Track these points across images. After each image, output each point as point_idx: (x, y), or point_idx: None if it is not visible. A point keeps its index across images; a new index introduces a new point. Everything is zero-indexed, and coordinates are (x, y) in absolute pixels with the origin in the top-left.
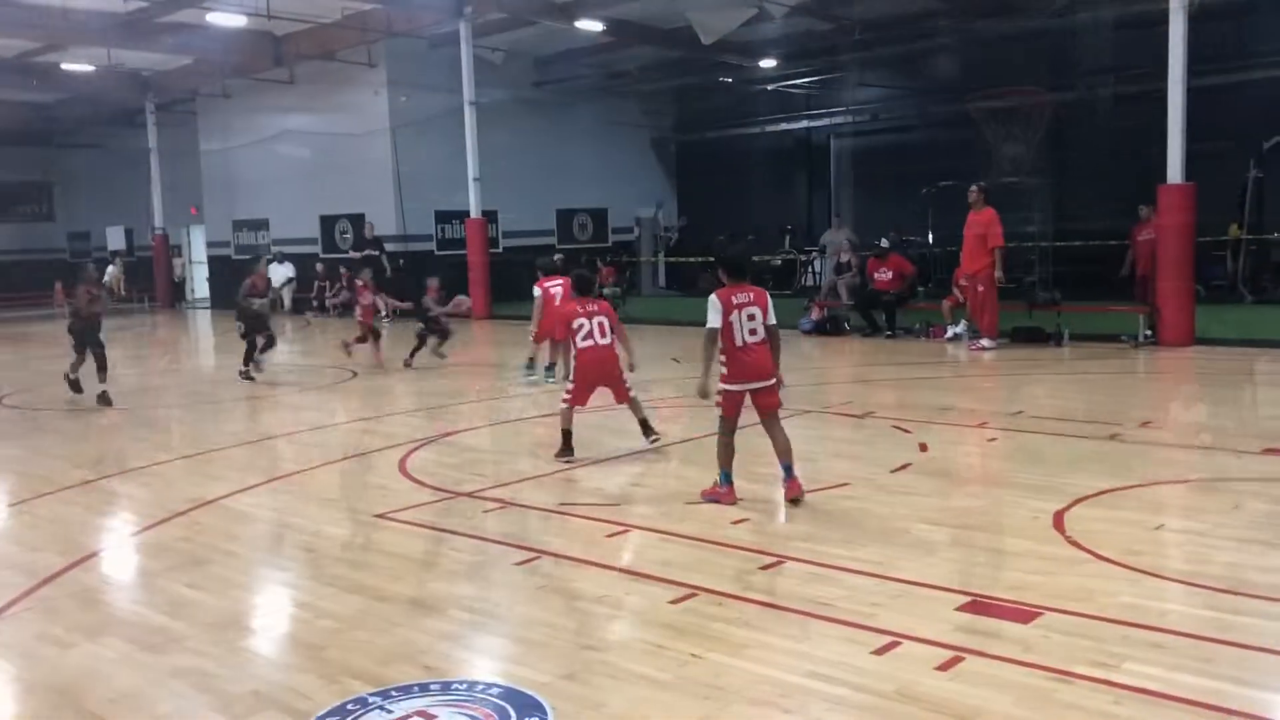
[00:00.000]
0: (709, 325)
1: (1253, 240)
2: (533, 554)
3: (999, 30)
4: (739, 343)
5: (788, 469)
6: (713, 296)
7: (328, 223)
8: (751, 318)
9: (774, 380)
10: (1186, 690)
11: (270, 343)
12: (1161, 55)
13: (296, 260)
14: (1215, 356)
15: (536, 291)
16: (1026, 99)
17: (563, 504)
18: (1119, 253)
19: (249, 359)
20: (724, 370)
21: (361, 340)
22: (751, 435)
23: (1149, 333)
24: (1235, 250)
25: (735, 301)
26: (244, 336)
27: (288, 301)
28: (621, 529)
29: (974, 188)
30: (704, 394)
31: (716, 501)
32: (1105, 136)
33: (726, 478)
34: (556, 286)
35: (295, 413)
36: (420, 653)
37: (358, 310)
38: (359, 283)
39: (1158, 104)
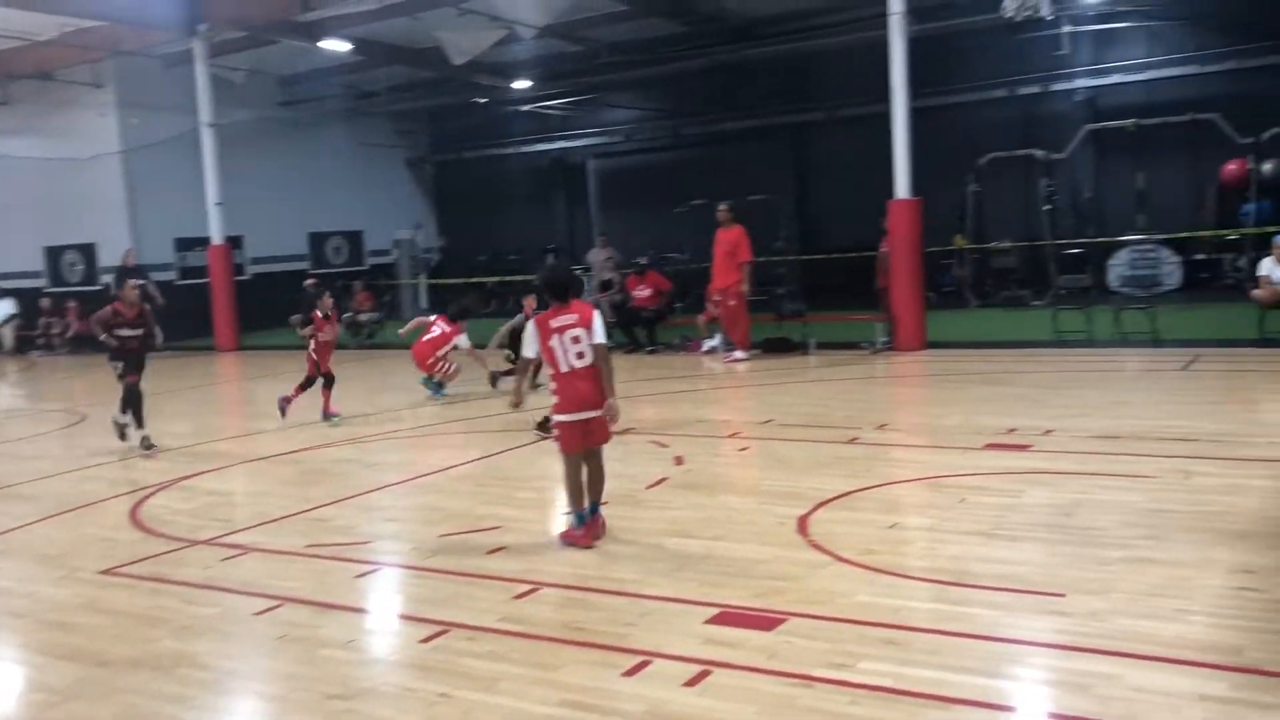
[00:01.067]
0: (524, 354)
1: (974, 249)
2: (275, 602)
3: (743, 55)
4: (564, 368)
5: (594, 506)
6: (529, 323)
7: (54, 254)
8: (576, 340)
9: (600, 413)
10: (917, 684)
11: None
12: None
13: (20, 295)
14: (945, 359)
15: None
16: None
17: (310, 545)
18: (861, 264)
19: None
20: (556, 400)
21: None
22: (512, 460)
23: (885, 339)
24: (961, 259)
25: (554, 325)
26: None
27: (9, 341)
28: (372, 568)
29: (722, 206)
30: (516, 405)
31: (573, 545)
32: (845, 155)
33: (580, 519)
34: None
35: (15, 462)
36: (146, 719)
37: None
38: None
39: (889, 124)
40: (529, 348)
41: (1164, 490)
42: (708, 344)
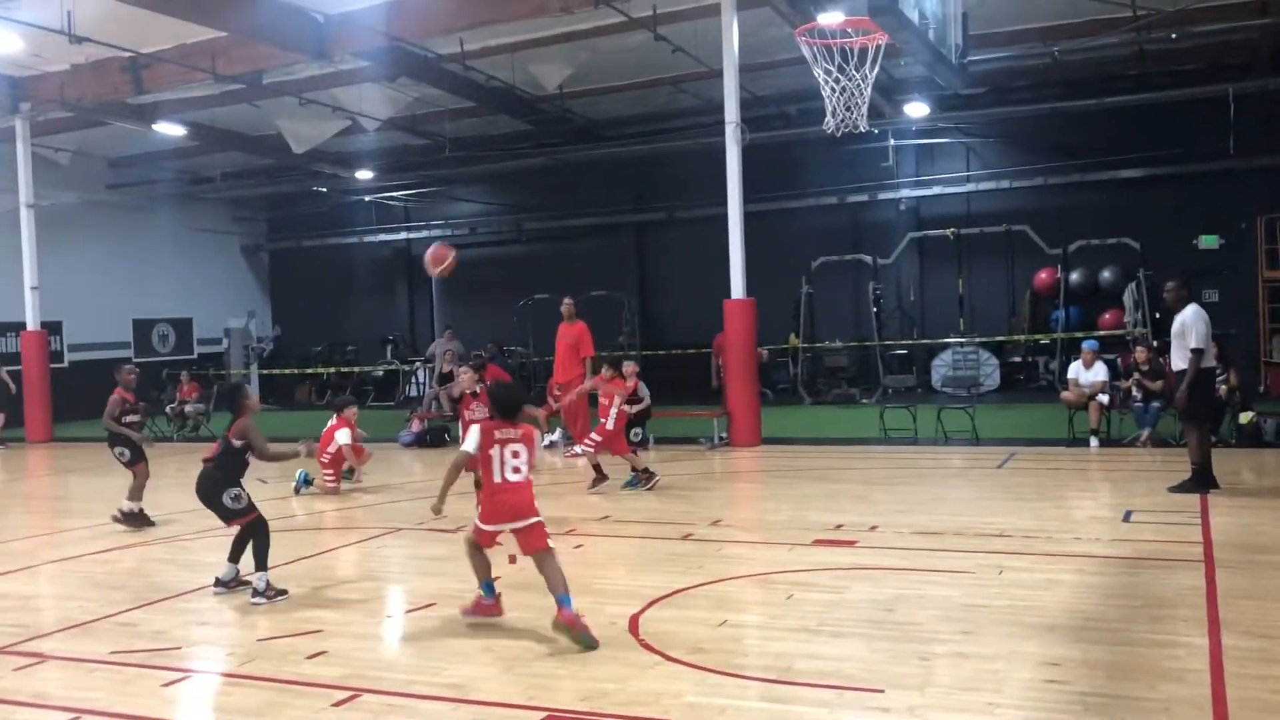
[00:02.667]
0: (462, 448)
1: (807, 348)
2: (72, 715)
3: (587, 155)
4: (498, 479)
5: (560, 599)
6: (474, 428)
7: None
8: (515, 454)
9: (536, 520)
10: None
11: None
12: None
13: None
14: (779, 454)
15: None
16: (613, 218)
17: (115, 652)
18: (700, 360)
19: None
20: (480, 509)
21: None
22: (340, 559)
23: (724, 435)
24: (794, 357)
25: (498, 436)
26: None
27: None
28: (182, 675)
29: (566, 301)
30: (437, 512)
31: (478, 615)
32: (685, 254)
33: (489, 588)
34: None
35: None
36: None
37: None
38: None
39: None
40: (469, 443)
41: (979, 585)
42: (548, 439)
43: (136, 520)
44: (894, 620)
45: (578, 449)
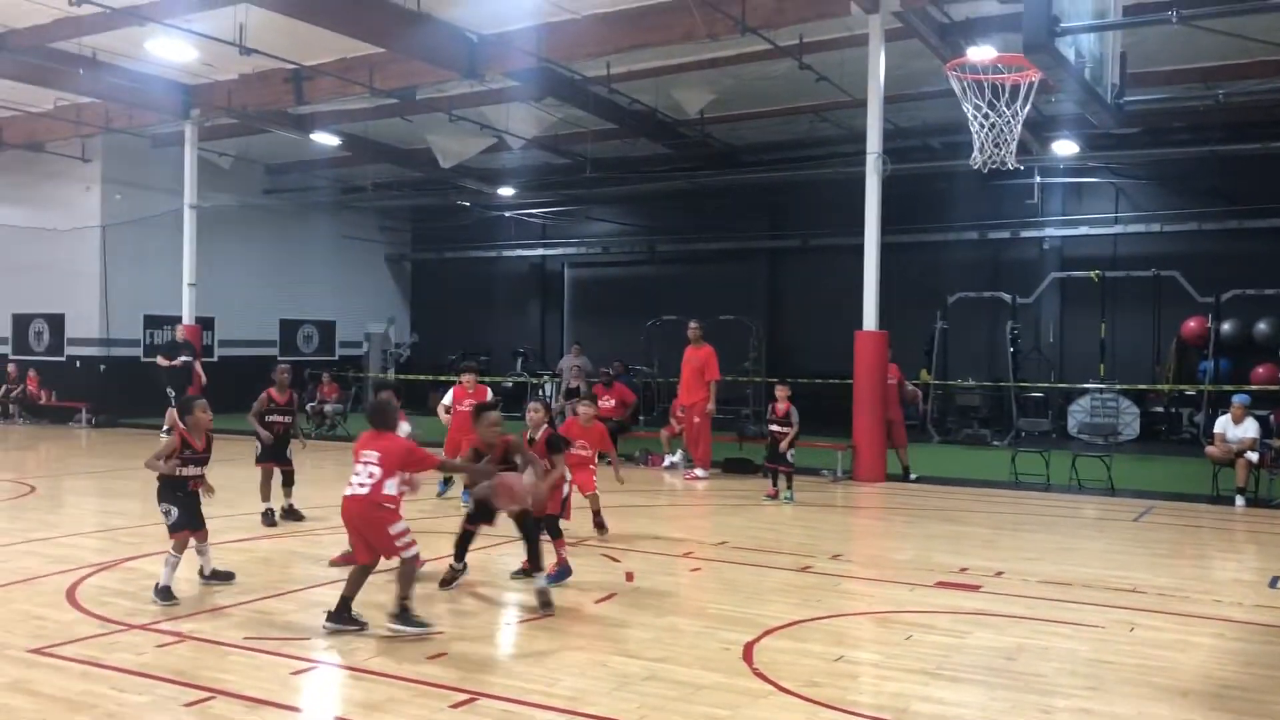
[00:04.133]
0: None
1: (939, 385)
2: (207, 694)
3: (724, 180)
4: (346, 489)
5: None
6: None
7: (21, 322)
8: (367, 466)
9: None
10: None
11: None
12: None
13: None
14: (904, 492)
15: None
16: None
17: (249, 638)
18: (829, 390)
19: None
20: None
21: None
22: (472, 560)
23: (847, 469)
24: (925, 393)
25: (361, 448)
26: None
27: None
28: (310, 665)
29: (693, 324)
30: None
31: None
32: (817, 283)
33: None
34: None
35: None
36: None
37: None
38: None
39: (861, 256)
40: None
41: (1108, 641)
42: (669, 460)
43: (267, 519)
44: (1015, 670)
45: (698, 472)
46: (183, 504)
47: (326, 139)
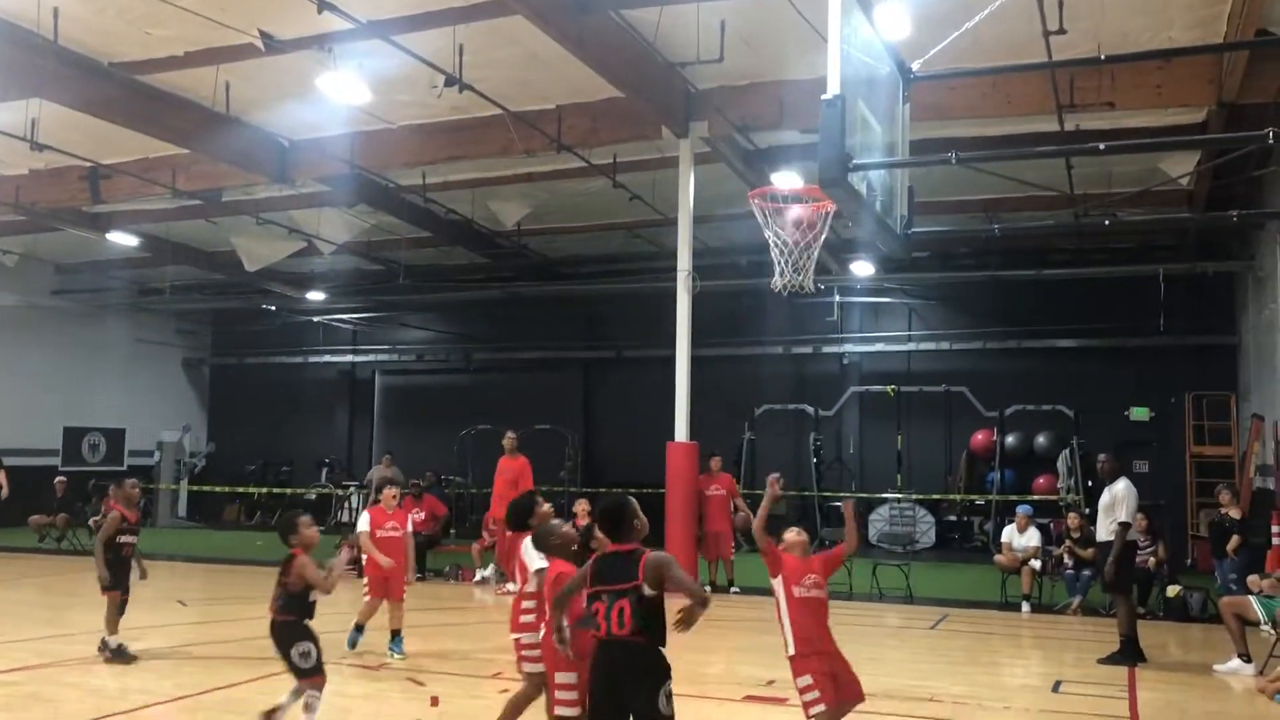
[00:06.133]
0: None
1: (747, 495)
2: None
3: (539, 290)
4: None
5: None
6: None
7: None
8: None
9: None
10: None
11: None
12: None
13: None
14: (717, 603)
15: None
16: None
17: None
18: (644, 500)
19: None
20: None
21: None
22: (255, 693)
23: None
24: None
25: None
26: None
27: None
28: None
29: (509, 434)
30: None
31: None
32: (631, 394)
33: None
34: None
35: None
36: None
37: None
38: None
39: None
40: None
41: None
42: (480, 574)
43: (121, 656)
44: None
45: (510, 586)
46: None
47: (124, 239)
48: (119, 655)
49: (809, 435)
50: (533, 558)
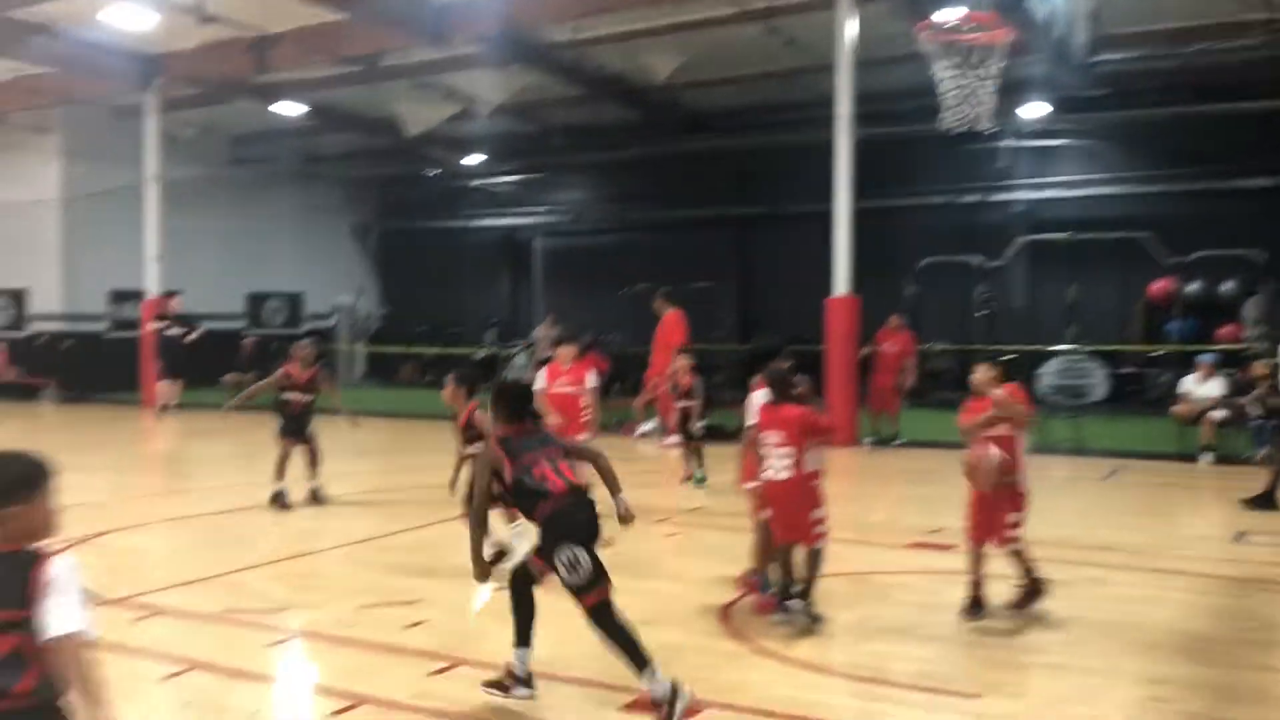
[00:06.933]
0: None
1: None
2: (183, 666)
3: (693, 146)
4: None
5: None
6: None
7: None
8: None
9: None
10: None
11: None
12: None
13: None
14: (876, 456)
15: (595, 377)
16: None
17: (225, 610)
18: (799, 356)
19: None
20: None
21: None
22: (437, 534)
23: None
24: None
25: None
26: None
27: None
28: (286, 636)
29: (662, 291)
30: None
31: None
32: (787, 250)
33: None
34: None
35: None
36: None
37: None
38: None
39: (830, 223)
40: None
41: (1080, 598)
42: (643, 428)
43: (278, 500)
44: (992, 627)
45: (672, 439)
46: None
47: (290, 108)
48: (276, 500)
49: (975, 288)
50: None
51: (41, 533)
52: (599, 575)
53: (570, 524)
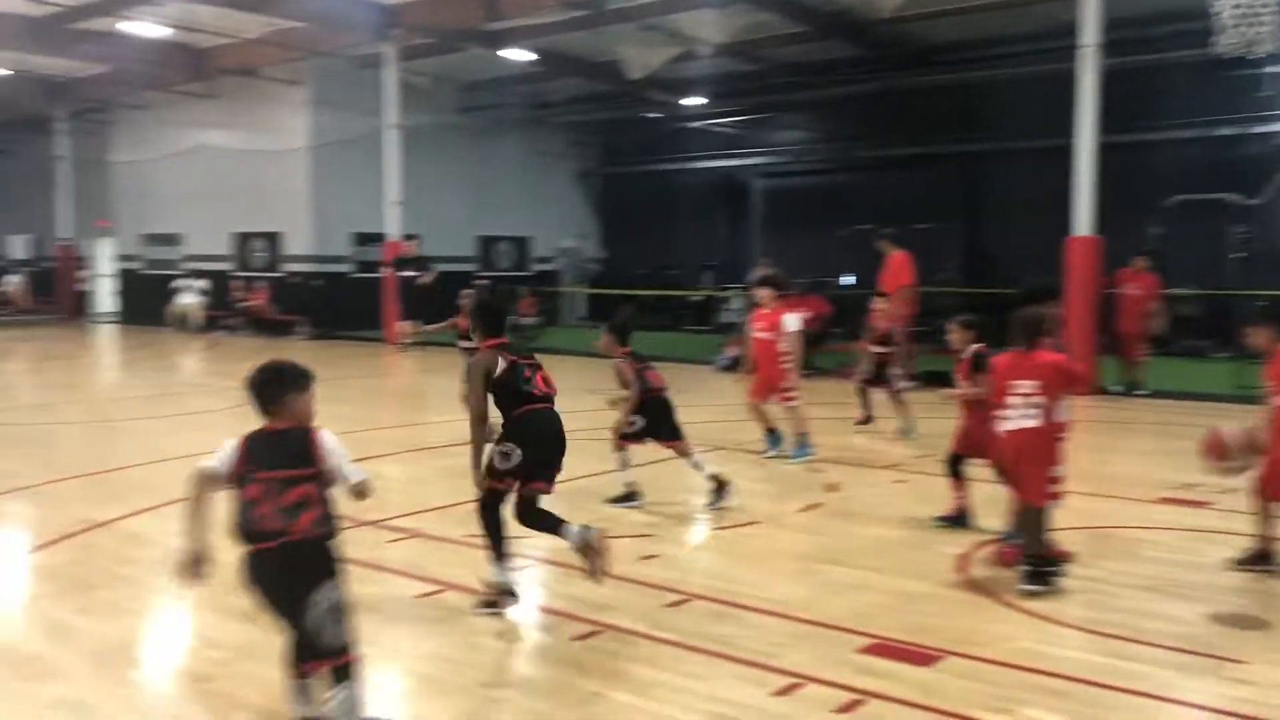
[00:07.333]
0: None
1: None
2: (435, 587)
3: (919, 81)
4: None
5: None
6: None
7: (240, 240)
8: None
9: None
10: None
11: None
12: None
13: (211, 277)
14: (1119, 406)
15: (795, 320)
16: (942, 148)
17: (467, 535)
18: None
19: None
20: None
21: None
22: (663, 471)
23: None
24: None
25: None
26: None
27: (197, 319)
28: (527, 562)
29: (884, 233)
30: None
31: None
32: (1018, 188)
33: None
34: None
35: (197, 433)
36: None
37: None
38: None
39: (1067, 159)
40: None
41: None
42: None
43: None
44: (1256, 590)
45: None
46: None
47: (519, 54)
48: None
49: (1230, 227)
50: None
51: (308, 418)
52: (516, 475)
53: (537, 428)
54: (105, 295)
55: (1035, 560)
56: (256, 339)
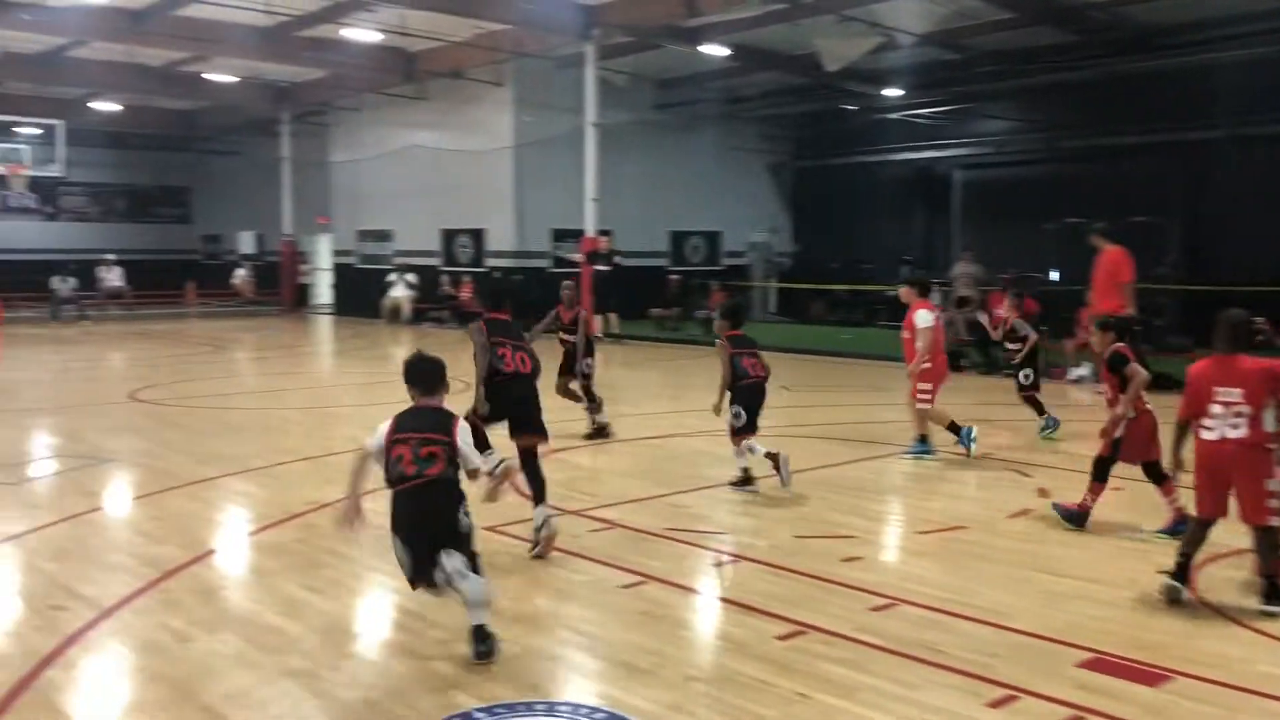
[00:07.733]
0: None
1: None
2: (638, 578)
3: (1135, 66)
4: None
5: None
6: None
7: (448, 236)
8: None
9: None
10: None
11: None
12: None
13: (419, 271)
14: None
15: (927, 317)
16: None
17: (668, 528)
18: (1260, 299)
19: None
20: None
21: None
22: (861, 471)
23: None
24: None
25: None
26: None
27: (407, 312)
28: (728, 559)
29: (1098, 227)
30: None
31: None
32: (1247, 178)
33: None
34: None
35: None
36: (526, 671)
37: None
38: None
39: None
40: None
41: None
42: (1075, 372)
43: (600, 434)
44: None
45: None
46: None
47: (715, 50)
48: (598, 432)
49: None
50: None
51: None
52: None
53: (504, 400)
54: (323, 288)
55: (1275, 580)
56: (462, 331)
